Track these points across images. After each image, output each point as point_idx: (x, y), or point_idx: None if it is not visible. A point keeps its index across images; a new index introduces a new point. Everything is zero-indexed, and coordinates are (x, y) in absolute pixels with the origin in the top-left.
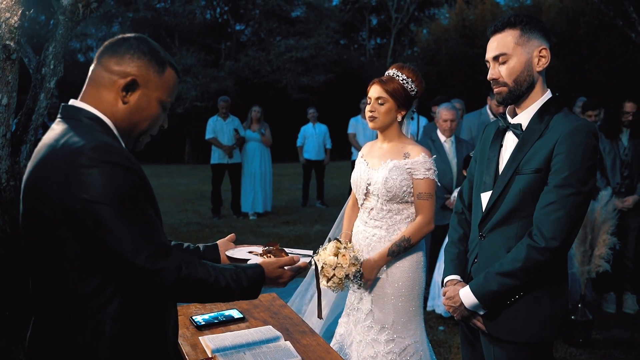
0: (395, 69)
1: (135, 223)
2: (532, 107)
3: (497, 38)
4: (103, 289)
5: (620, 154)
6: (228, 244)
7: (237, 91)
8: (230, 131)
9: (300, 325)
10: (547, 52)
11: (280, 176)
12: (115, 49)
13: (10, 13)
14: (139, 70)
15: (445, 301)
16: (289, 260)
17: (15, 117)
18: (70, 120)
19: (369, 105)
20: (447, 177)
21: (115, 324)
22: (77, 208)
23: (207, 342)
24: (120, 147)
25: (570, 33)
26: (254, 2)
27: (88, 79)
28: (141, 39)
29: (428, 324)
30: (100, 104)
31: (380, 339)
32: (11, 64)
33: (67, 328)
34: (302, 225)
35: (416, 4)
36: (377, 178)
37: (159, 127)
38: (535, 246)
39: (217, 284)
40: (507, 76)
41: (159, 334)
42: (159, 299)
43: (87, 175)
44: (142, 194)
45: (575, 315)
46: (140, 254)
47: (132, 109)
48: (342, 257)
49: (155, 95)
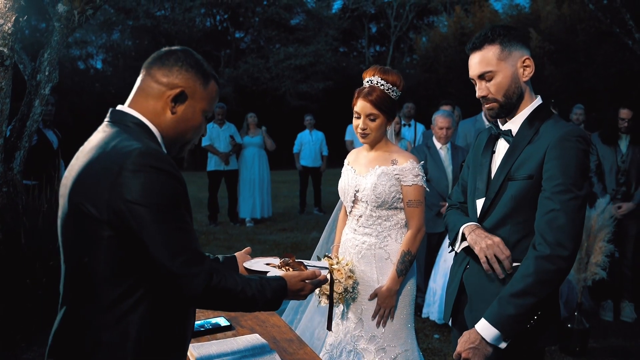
0: (378, 76)
1: (174, 229)
2: (521, 114)
3: (477, 55)
4: (134, 291)
5: (618, 160)
6: (245, 256)
7: (236, 98)
8: (226, 138)
9: (287, 334)
10: (530, 61)
11: (278, 183)
12: (164, 61)
13: (4, 19)
14: (187, 83)
15: (462, 347)
16: (311, 274)
17: (9, 124)
18: (119, 125)
19: (359, 120)
20: (443, 184)
21: (141, 325)
22: (122, 209)
23: (192, 351)
24: (166, 154)
25: (568, 40)
26: (254, 10)
27: (137, 87)
28: (188, 52)
29: (423, 332)
30: (147, 112)
31: (370, 348)
32: (4, 70)
33: (94, 326)
34: (299, 232)
35: (415, 12)
36: (366, 184)
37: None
38: (543, 255)
39: (244, 293)
40: (496, 92)
41: (180, 336)
42: (187, 304)
43: (134, 179)
44: (182, 201)
45: (571, 324)
46: (177, 259)
47: (179, 119)
48: (337, 272)
49: (200, 106)
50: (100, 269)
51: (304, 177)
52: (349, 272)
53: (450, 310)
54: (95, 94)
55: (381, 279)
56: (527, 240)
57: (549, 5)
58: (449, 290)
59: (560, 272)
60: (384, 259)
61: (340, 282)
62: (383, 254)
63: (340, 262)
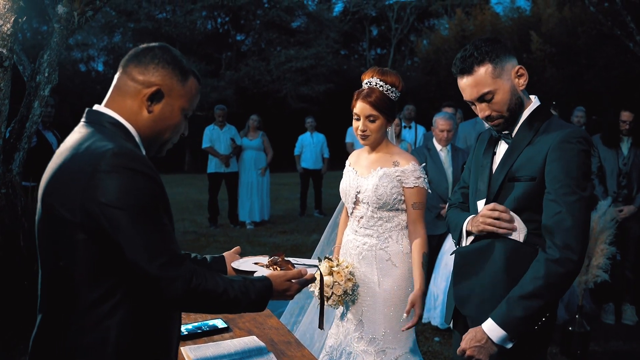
0: (377, 77)
1: (151, 231)
2: (521, 116)
3: (470, 79)
4: (112, 294)
5: (619, 163)
6: (234, 255)
7: (237, 101)
8: (226, 140)
9: (285, 336)
10: (523, 69)
11: (278, 185)
12: (140, 59)
13: (3, 20)
14: (164, 80)
15: (467, 344)
16: (297, 273)
17: (9, 125)
18: (94, 125)
19: (359, 122)
20: (443, 186)
21: (121, 329)
22: (96, 212)
23: (188, 353)
24: (142, 155)
25: (569, 43)
26: (255, 13)
27: (113, 86)
28: (165, 48)
29: (423, 334)
30: (124, 112)
31: (370, 350)
32: (3, 71)
33: (73, 331)
34: (300, 235)
35: (416, 14)
36: (367, 186)
37: (180, 135)
38: (553, 259)
39: (226, 295)
40: (499, 109)
41: (163, 340)
42: (167, 307)
43: (108, 180)
44: (159, 203)
45: (572, 327)
46: (154, 262)
47: (156, 118)
48: (337, 274)
49: (178, 104)
50: (77, 273)
51: (305, 180)
52: (348, 275)
53: (452, 312)
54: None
55: (382, 280)
56: (528, 238)
57: (550, 7)
58: (450, 293)
59: (570, 275)
60: (384, 260)
61: (340, 285)
62: (384, 255)
63: (340, 265)
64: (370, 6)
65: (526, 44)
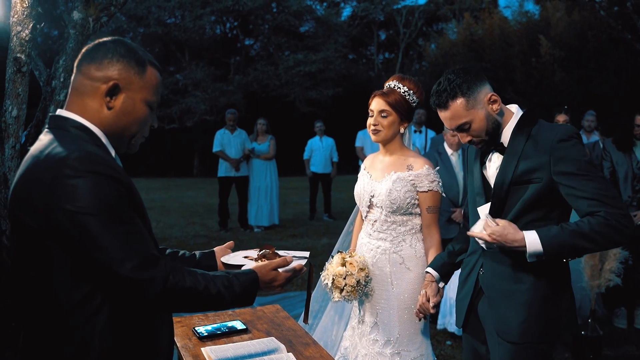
0: (396, 81)
1: (120, 233)
2: (508, 127)
3: (447, 113)
4: (91, 298)
5: (634, 167)
6: (225, 250)
7: (246, 105)
8: (237, 144)
9: (303, 337)
10: (495, 95)
11: (287, 189)
12: (93, 55)
13: (22, 26)
14: (120, 74)
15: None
16: (282, 261)
17: (25, 130)
18: (57, 131)
19: (372, 118)
20: (454, 190)
21: (104, 334)
22: (60, 219)
23: (209, 353)
24: (105, 157)
25: (579, 47)
26: (263, 18)
27: (71, 88)
28: (118, 41)
29: (435, 338)
30: (85, 112)
31: (385, 352)
32: (22, 76)
33: (55, 339)
34: (309, 239)
35: (424, 19)
36: (381, 190)
37: (149, 127)
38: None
39: (207, 291)
40: (478, 135)
41: (150, 344)
42: (147, 309)
43: (71, 186)
44: (127, 204)
45: (585, 331)
46: (126, 264)
47: (118, 113)
48: (349, 265)
49: (140, 97)
50: (51, 280)
51: (314, 184)
52: (361, 265)
53: (464, 316)
54: None
55: (395, 283)
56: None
57: (559, 11)
58: (460, 297)
59: (624, 235)
60: (398, 263)
61: (353, 275)
62: (397, 258)
63: (353, 256)
64: (378, 10)
65: (535, 48)
